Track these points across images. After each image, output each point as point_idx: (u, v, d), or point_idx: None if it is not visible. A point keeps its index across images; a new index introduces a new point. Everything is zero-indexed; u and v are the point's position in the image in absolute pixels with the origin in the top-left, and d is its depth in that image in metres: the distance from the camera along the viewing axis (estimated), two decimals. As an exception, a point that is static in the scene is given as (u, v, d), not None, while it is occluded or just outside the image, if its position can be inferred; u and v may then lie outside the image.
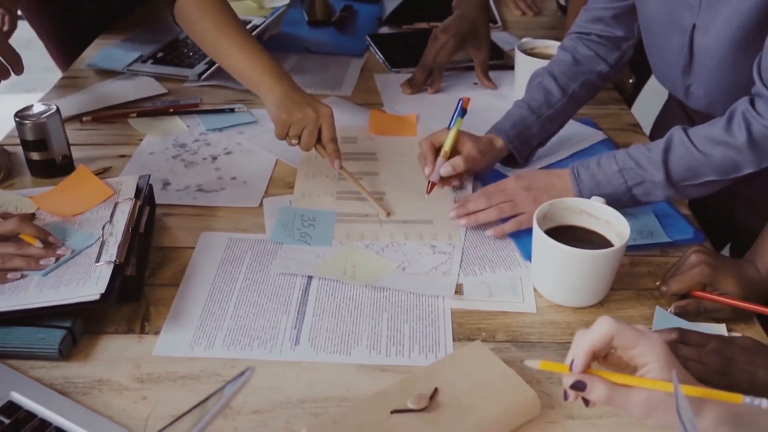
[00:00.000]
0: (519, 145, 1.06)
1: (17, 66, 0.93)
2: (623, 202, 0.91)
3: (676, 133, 0.89)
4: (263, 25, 1.43)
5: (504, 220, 0.94)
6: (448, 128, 1.03)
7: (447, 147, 1.01)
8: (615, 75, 1.12)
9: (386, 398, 0.68)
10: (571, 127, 1.21)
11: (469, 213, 0.95)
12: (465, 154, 1.01)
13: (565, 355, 0.76)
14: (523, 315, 0.83)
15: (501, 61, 1.44)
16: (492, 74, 1.38)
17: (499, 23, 1.65)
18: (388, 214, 0.99)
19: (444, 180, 1.01)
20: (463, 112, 1.04)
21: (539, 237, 0.82)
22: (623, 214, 0.84)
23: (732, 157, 0.85)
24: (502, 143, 1.05)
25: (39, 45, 1.64)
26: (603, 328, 0.58)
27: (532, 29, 1.63)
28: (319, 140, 1.04)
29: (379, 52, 1.49)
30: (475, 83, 1.37)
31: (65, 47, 1.55)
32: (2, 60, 0.92)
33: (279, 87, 1.04)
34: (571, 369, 0.59)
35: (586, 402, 0.60)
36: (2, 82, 0.95)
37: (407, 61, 1.42)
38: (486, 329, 0.80)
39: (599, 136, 1.18)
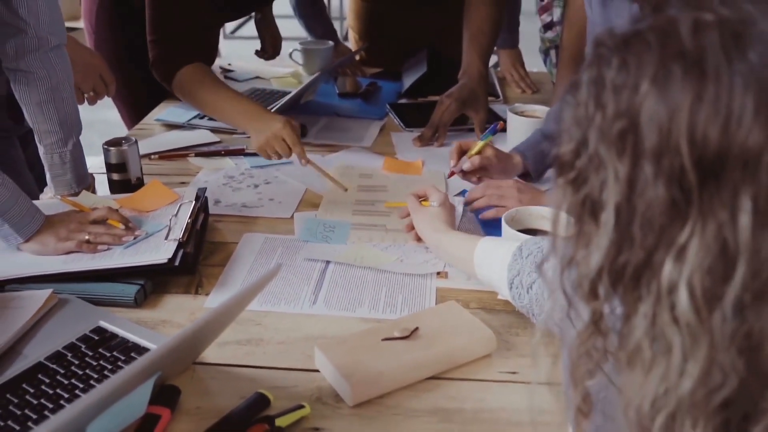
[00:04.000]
0: (533, 163, 1.36)
1: (111, 89, 1.39)
2: None
3: None
4: (299, 90, 1.72)
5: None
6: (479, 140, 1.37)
7: (474, 151, 1.32)
8: None
9: (379, 330, 0.90)
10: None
11: (470, 200, 1.23)
12: (483, 157, 1.31)
13: (522, 319, 0.98)
14: (493, 292, 1.04)
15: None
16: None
17: (501, 97, 1.94)
18: (346, 189, 1.30)
19: (464, 173, 1.33)
20: (495, 131, 1.38)
21: (506, 231, 1.05)
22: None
23: None
24: (519, 159, 1.35)
25: (101, 127, 1.94)
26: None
27: (528, 103, 1.90)
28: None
29: (396, 116, 1.77)
30: (475, 140, 1.63)
31: (136, 109, 1.86)
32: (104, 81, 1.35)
33: (252, 127, 1.39)
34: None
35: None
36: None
37: (418, 122, 1.69)
38: (462, 300, 1.02)
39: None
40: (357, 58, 2.14)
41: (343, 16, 5.47)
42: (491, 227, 1.19)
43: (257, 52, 2.15)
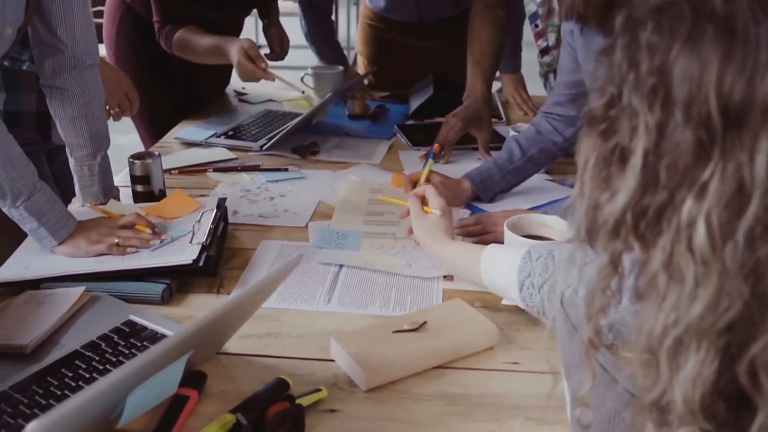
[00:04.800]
0: (483, 188, 1.44)
1: (135, 106, 1.49)
2: None
3: None
4: (310, 111, 1.82)
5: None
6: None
7: (421, 180, 1.40)
8: (569, 145, 1.47)
9: (390, 324, 0.97)
10: (553, 185, 1.54)
11: (464, 227, 1.28)
12: (431, 184, 1.36)
13: (523, 317, 1.05)
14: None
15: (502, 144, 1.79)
16: (494, 153, 1.72)
17: (504, 119, 2.02)
18: (303, 92, 1.56)
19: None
20: (434, 155, 1.45)
21: (508, 235, 1.12)
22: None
23: None
24: (468, 185, 1.44)
25: (113, 152, 2.04)
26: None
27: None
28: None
29: (403, 136, 1.85)
30: (479, 158, 1.72)
31: (155, 127, 1.95)
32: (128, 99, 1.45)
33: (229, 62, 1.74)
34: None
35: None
36: None
37: (425, 141, 1.77)
38: (467, 299, 1.09)
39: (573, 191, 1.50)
40: (366, 82, 2.23)
41: (351, 46, 5.61)
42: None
43: (266, 56, 2.21)
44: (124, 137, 2.26)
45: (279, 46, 2.14)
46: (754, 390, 0.46)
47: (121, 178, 1.51)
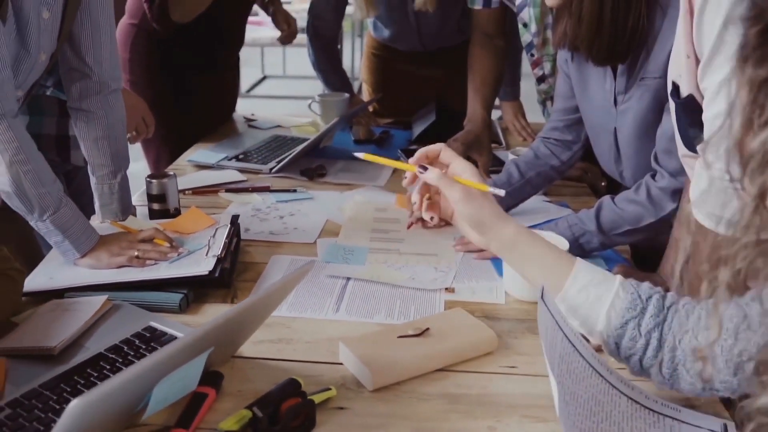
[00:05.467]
0: None
1: (151, 129, 1.57)
2: (573, 250, 1.27)
3: (606, 198, 1.30)
4: (318, 135, 1.90)
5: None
6: None
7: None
8: (566, 168, 1.54)
9: (395, 329, 1.03)
10: (550, 206, 1.61)
11: (465, 243, 1.34)
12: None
13: (521, 325, 1.11)
14: (495, 304, 1.18)
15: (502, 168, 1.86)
16: (494, 176, 1.79)
17: (503, 144, 2.10)
18: None
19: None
20: None
21: (506, 250, 1.18)
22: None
23: (638, 210, 1.24)
24: None
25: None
26: (437, 145, 0.95)
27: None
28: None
29: (407, 160, 1.92)
30: (480, 181, 1.79)
31: (169, 150, 2.03)
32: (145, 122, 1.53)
33: None
34: (417, 170, 0.92)
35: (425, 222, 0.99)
36: None
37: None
38: (468, 310, 1.15)
39: (569, 211, 1.57)
40: (370, 108, 2.32)
41: (356, 76, 5.73)
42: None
43: (278, 39, 2.29)
44: (132, 164, 2.34)
45: (287, 24, 2.22)
46: None
47: (137, 197, 1.58)
